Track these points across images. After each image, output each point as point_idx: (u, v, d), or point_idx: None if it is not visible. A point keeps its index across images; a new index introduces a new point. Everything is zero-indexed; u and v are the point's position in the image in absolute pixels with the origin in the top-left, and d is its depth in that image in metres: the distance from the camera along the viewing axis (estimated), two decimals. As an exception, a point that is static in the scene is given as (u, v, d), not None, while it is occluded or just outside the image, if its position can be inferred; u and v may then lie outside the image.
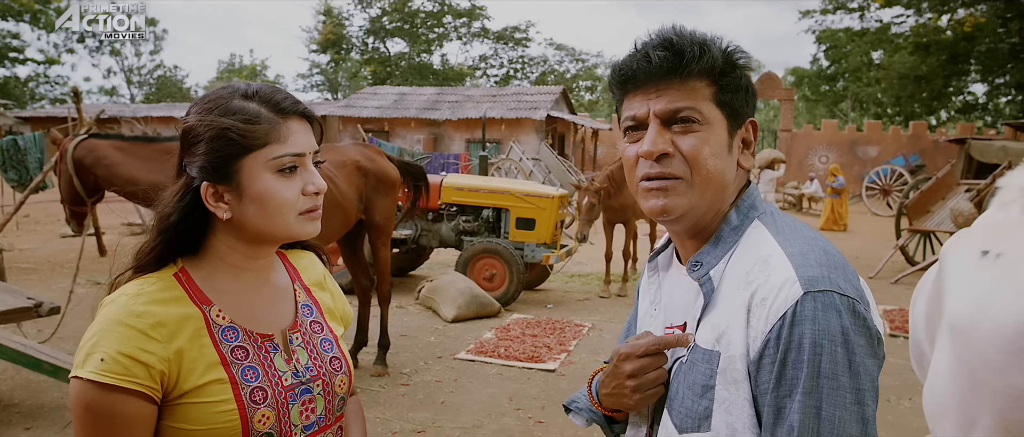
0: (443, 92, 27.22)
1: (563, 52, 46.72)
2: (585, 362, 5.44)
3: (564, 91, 26.97)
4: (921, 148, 25.67)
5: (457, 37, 44.32)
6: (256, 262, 1.19)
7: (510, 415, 4.33)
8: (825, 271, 0.94)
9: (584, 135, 28.10)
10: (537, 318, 6.73)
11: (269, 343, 1.16)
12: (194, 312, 1.10)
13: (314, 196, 1.15)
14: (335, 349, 1.26)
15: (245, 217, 1.12)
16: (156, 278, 1.12)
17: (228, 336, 1.12)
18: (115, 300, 1.08)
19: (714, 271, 1.04)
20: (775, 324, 0.92)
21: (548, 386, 4.88)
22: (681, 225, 1.07)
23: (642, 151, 1.03)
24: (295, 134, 1.13)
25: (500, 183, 8.22)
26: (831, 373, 0.88)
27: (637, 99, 1.05)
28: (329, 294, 1.35)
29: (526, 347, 5.69)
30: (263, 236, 1.15)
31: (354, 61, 45.33)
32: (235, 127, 1.09)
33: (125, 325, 1.04)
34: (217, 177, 1.10)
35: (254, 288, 1.19)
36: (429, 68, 43.77)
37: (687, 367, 1.04)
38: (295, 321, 1.22)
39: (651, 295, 1.22)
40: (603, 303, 7.64)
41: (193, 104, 1.17)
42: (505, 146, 20.19)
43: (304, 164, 1.14)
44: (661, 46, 1.02)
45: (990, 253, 1.64)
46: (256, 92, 1.14)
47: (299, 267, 1.33)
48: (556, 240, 7.65)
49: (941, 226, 9.92)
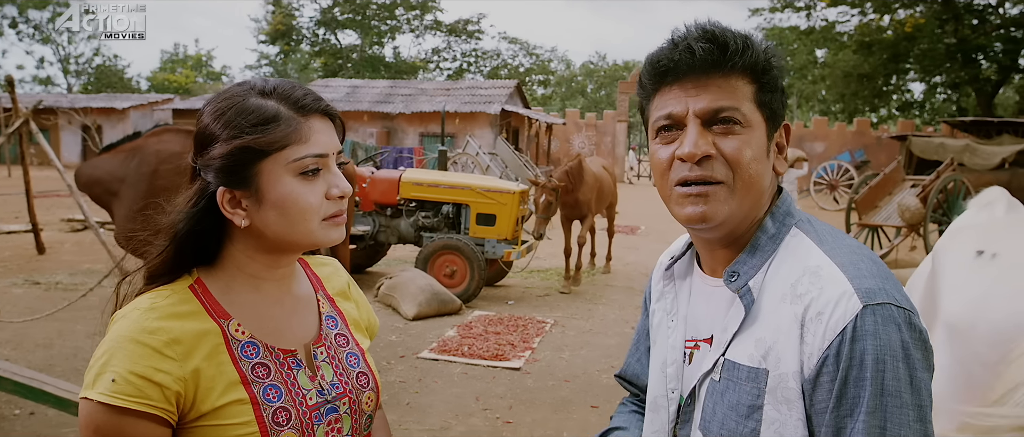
0: (396, 85, 26.92)
1: (517, 46, 46.74)
2: (550, 360, 5.40)
3: (518, 85, 26.97)
4: (865, 144, 26.47)
5: (409, 29, 43.88)
6: (277, 272, 1.10)
7: (477, 415, 4.25)
8: (880, 282, 0.89)
9: (538, 129, 28.13)
10: (499, 315, 6.66)
11: (292, 359, 1.08)
12: (211, 327, 1.02)
13: (339, 200, 1.06)
14: (362, 363, 1.17)
15: (265, 224, 1.03)
16: (170, 290, 1.03)
17: (248, 352, 1.03)
18: (126, 315, 0.99)
19: (753, 282, 0.98)
20: (833, 340, 0.87)
21: (514, 385, 4.82)
22: (717, 233, 1.00)
23: (683, 153, 0.95)
24: (317, 133, 1.04)
25: (460, 178, 8.11)
26: (895, 390, 0.84)
27: (673, 96, 0.97)
28: (354, 304, 1.26)
29: (490, 345, 5.62)
30: (284, 244, 1.06)
31: (304, 53, 44.45)
32: (253, 128, 1.00)
33: (137, 342, 0.96)
34: (234, 182, 1.01)
35: (275, 299, 1.10)
36: (381, 61, 43.23)
37: (723, 386, 0.97)
38: (319, 334, 1.14)
39: (666, 305, 1.15)
40: (564, 299, 7.62)
41: (206, 102, 1.06)
42: (460, 140, 20.07)
43: (327, 166, 1.05)
44: (704, 38, 0.95)
45: (985, 253, 1.64)
46: (274, 89, 1.04)
47: (322, 275, 1.24)
48: (517, 236, 7.59)
49: (888, 220, 10.24)
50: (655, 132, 1.01)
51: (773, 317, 0.95)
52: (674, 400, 1.09)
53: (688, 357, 1.08)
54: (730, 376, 0.97)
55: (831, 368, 0.87)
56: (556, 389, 4.77)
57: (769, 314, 0.95)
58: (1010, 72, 26.78)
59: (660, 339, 1.14)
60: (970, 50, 25.58)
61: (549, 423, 4.19)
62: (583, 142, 29.62)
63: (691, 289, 1.12)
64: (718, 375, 0.99)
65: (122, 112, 27.85)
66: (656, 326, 1.17)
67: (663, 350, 1.12)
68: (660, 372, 1.12)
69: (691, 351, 1.08)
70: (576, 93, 52.31)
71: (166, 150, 4.30)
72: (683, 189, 0.97)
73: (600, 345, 5.85)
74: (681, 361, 1.09)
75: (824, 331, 0.88)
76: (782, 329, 0.93)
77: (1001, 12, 25.43)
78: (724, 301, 1.02)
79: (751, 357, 0.95)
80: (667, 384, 1.10)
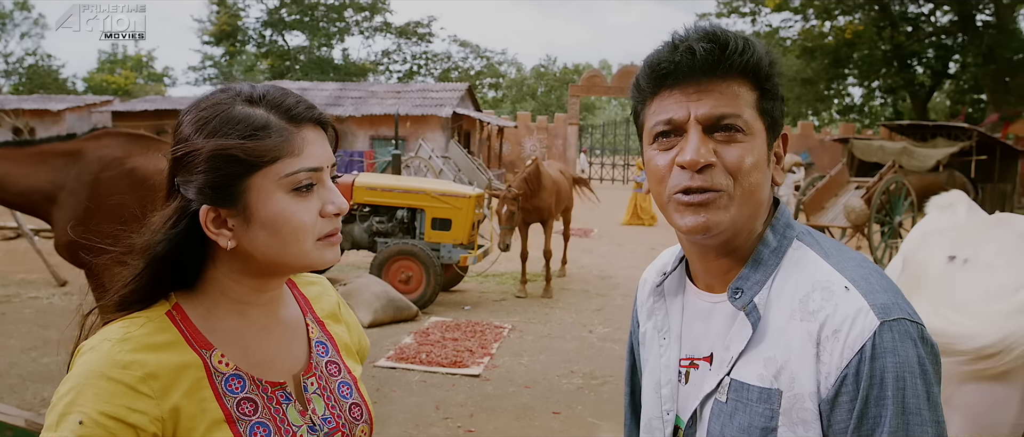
0: (346, 88, 26.51)
1: (467, 49, 46.58)
2: (509, 365, 5.35)
3: (470, 88, 26.85)
4: (809, 146, 27.19)
5: (359, 31, 43.30)
6: (264, 295, 1.00)
7: (438, 425, 4.17)
8: (893, 297, 0.87)
9: (490, 132, 28.09)
10: (456, 320, 6.58)
11: (281, 392, 0.98)
12: (192, 359, 0.92)
13: (334, 217, 0.96)
14: (354, 394, 1.08)
15: (254, 245, 0.93)
16: (145, 318, 0.92)
17: (233, 386, 0.94)
18: (95, 347, 0.89)
19: (758, 298, 0.94)
20: (852, 359, 0.85)
21: (474, 392, 4.75)
22: (716, 242, 0.96)
23: (685, 160, 0.91)
24: (311, 145, 0.94)
25: (415, 182, 8.02)
26: (915, 408, 0.83)
27: (673, 100, 0.93)
28: (344, 327, 1.16)
29: (448, 352, 5.54)
30: (275, 267, 0.96)
31: (250, 54, 43.46)
32: (240, 140, 0.90)
33: (108, 379, 0.85)
34: (219, 199, 0.91)
35: (261, 326, 1.00)
36: (330, 63, 42.54)
37: (731, 407, 0.93)
38: (309, 363, 1.04)
39: (656, 323, 1.10)
40: (521, 303, 7.58)
41: (185, 110, 0.96)
42: (411, 144, 19.88)
43: (322, 180, 0.95)
44: (704, 38, 0.91)
45: (957, 258, 1.65)
46: (263, 96, 0.94)
47: (309, 296, 1.13)
48: (473, 240, 7.52)
49: (835, 222, 10.53)
50: (652, 138, 0.96)
51: (783, 335, 0.91)
52: (670, 422, 1.04)
53: (684, 377, 1.04)
54: (739, 397, 0.93)
55: (850, 387, 0.85)
56: (517, 396, 4.72)
57: (778, 331, 0.92)
58: (941, 77, 27.93)
59: (651, 358, 1.10)
60: (905, 56, 26.58)
61: (512, 431, 4.14)
62: (535, 145, 29.70)
63: (684, 305, 1.07)
64: (724, 396, 0.95)
65: (57, 114, 26.74)
66: (647, 345, 1.12)
67: (656, 370, 1.08)
68: (654, 393, 1.07)
69: (687, 370, 1.03)
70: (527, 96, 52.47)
71: (108, 156, 4.10)
72: (684, 197, 0.93)
73: (559, 350, 5.82)
74: (676, 381, 1.04)
75: (842, 349, 0.86)
76: (794, 347, 0.90)
77: (933, 20, 26.49)
78: (724, 318, 0.98)
79: (761, 377, 0.92)
80: (661, 405, 1.05)
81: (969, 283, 1.56)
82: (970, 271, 1.59)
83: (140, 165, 4.11)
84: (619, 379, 5.10)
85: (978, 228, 1.78)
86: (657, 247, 11.97)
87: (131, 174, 4.06)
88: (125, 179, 4.04)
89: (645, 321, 1.14)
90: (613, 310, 7.33)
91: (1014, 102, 22.75)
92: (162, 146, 4.33)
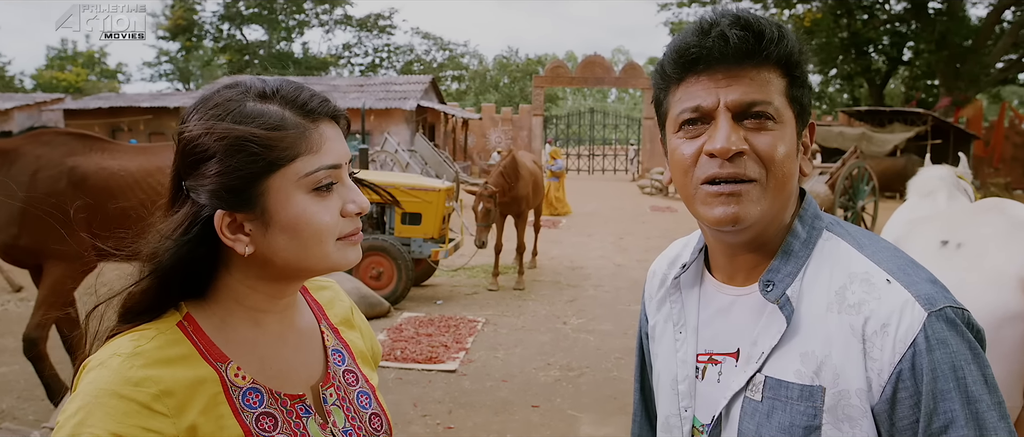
0: (307, 82, 26.11)
1: (430, 41, 46.21)
2: (485, 360, 5.32)
3: (433, 81, 26.65)
4: (769, 134, 27.56)
5: (319, 24, 42.66)
6: (280, 302, 0.95)
7: (417, 422, 4.13)
8: (934, 286, 0.86)
9: (455, 125, 27.93)
10: (429, 316, 6.53)
11: (300, 405, 0.93)
12: (208, 373, 0.86)
13: (356, 217, 0.92)
14: (374, 403, 1.04)
15: (273, 250, 0.88)
16: (155, 330, 0.86)
17: (251, 401, 0.89)
18: (104, 363, 0.82)
19: (790, 291, 0.92)
20: (905, 352, 0.83)
21: (451, 388, 4.71)
22: (746, 235, 0.93)
23: (715, 148, 0.87)
24: (329, 141, 0.90)
25: (384, 177, 7.91)
26: (979, 395, 0.82)
27: (700, 86, 0.90)
28: (358, 333, 1.11)
29: (422, 348, 5.49)
30: (295, 272, 0.91)
31: (207, 49, 42.51)
32: (257, 137, 0.84)
33: (120, 397, 0.79)
34: (235, 204, 0.85)
35: (277, 335, 0.95)
36: (290, 57, 41.84)
37: (768, 406, 0.90)
38: (327, 373, 1.00)
39: (672, 316, 1.07)
40: (493, 296, 7.54)
41: (191, 108, 0.89)
42: (376, 137, 19.68)
43: (341, 178, 0.91)
44: (737, 25, 0.88)
45: (950, 243, 1.66)
46: (276, 90, 0.89)
47: (322, 301, 1.08)
48: (444, 234, 7.47)
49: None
50: (677, 125, 0.93)
51: (820, 328, 0.89)
52: (688, 420, 1.02)
53: (700, 372, 1.01)
54: (776, 395, 0.90)
55: (909, 383, 0.83)
56: (495, 390, 4.69)
57: (814, 325, 0.90)
58: (896, 64, 28.54)
59: (664, 353, 1.07)
60: (861, 43, 27.10)
61: (491, 426, 4.11)
62: (500, 137, 29.62)
63: (700, 298, 1.04)
64: (759, 395, 0.92)
65: (5, 113, 25.83)
66: (658, 339, 1.09)
67: (672, 366, 1.05)
68: (670, 390, 1.04)
69: (705, 366, 1.01)
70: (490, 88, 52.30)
71: (45, 155, 3.98)
72: (712, 188, 0.89)
73: (534, 342, 5.81)
74: (693, 377, 1.02)
75: (893, 344, 0.84)
76: (834, 342, 0.88)
77: (887, 8, 27.03)
78: (750, 311, 0.96)
79: (800, 374, 0.89)
80: (679, 402, 1.03)
81: (964, 267, 1.57)
82: (964, 255, 1.61)
83: (80, 164, 3.99)
84: (596, 371, 5.11)
85: (970, 213, 1.80)
86: (626, 237, 12.05)
87: (70, 173, 3.95)
88: (63, 179, 3.92)
89: (655, 314, 1.11)
90: (586, 301, 7.35)
91: (964, 87, 23.36)
92: (106, 145, 4.21)
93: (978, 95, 25.05)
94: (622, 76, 28.40)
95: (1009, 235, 1.67)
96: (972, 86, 23.62)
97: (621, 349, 5.63)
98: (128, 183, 4.06)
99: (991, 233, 1.69)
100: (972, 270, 1.57)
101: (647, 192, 21.23)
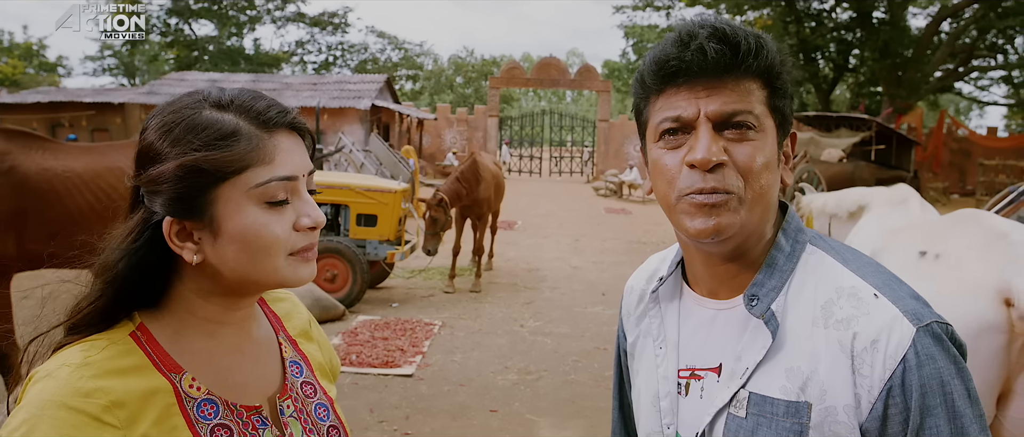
0: (259, 79, 25.63)
1: (385, 40, 45.73)
2: (442, 364, 5.26)
3: (388, 80, 26.40)
4: (720, 138, 28.09)
5: (271, 20, 41.81)
6: (236, 314, 0.92)
7: (373, 429, 4.05)
8: (918, 302, 0.86)
9: (409, 125, 27.73)
10: (385, 319, 6.44)
11: (256, 416, 0.92)
12: (161, 384, 0.84)
13: (309, 231, 0.89)
14: (332, 416, 1.02)
15: (222, 261, 0.86)
16: (107, 340, 0.84)
17: (206, 412, 0.87)
18: (52, 374, 0.80)
19: (775, 305, 0.91)
20: (895, 369, 0.83)
21: (408, 393, 4.64)
22: (726, 247, 0.92)
23: (696, 159, 0.86)
24: (284, 152, 0.88)
25: (338, 177, 7.78)
26: (963, 410, 0.83)
27: (681, 97, 0.89)
28: (317, 345, 1.09)
29: (378, 352, 5.40)
30: (243, 284, 0.88)
31: (154, 44, 41.27)
32: (206, 146, 0.82)
33: (69, 408, 0.77)
34: (184, 211, 0.84)
35: (233, 346, 0.93)
36: (241, 53, 40.88)
37: (752, 423, 0.89)
38: (284, 384, 0.98)
39: (651, 331, 1.05)
40: (449, 299, 7.48)
41: (150, 115, 0.88)
42: (330, 137, 19.39)
43: (296, 191, 0.88)
44: (715, 38, 0.87)
45: (928, 254, 1.69)
46: (232, 100, 0.87)
47: (280, 313, 1.06)
48: (400, 236, 7.37)
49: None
50: (657, 135, 0.92)
51: (805, 343, 0.88)
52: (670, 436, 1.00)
53: (683, 388, 0.99)
54: (761, 411, 0.89)
55: (898, 399, 0.83)
56: (452, 394, 4.64)
57: (799, 340, 0.89)
58: (843, 71, 29.38)
59: (645, 369, 1.05)
60: (809, 50, 27.80)
61: (449, 431, 4.06)
62: (455, 137, 29.51)
63: (680, 312, 1.02)
64: (743, 411, 0.90)
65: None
66: (638, 355, 1.08)
67: (652, 382, 1.03)
68: (652, 406, 1.02)
69: (687, 381, 0.99)
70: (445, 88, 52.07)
71: None
72: (694, 198, 0.88)
73: (491, 346, 5.77)
74: (675, 393, 1.00)
75: (883, 360, 0.84)
76: (821, 357, 0.87)
77: (834, 16, 27.81)
78: (733, 326, 0.94)
79: (785, 390, 0.88)
80: (661, 419, 1.01)
81: (942, 278, 1.60)
82: (942, 266, 1.63)
83: (20, 164, 3.78)
84: (554, 374, 5.10)
85: (947, 224, 1.83)
86: (581, 239, 12.11)
87: (9, 174, 3.73)
88: (2, 179, 3.71)
89: (634, 330, 1.10)
90: (542, 303, 7.34)
91: (906, 95, 24.17)
92: (47, 145, 4.00)
93: (918, 102, 25.97)
94: (577, 78, 28.56)
95: (986, 246, 1.71)
96: (913, 94, 24.47)
97: (578, 352, 5.63)
98: (75, 184, 3.87)
99: (968, 244, 1.73)
100: (950, 281, 1.59)
101: (602, 194, 21.41)
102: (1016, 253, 1.68)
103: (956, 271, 1.63)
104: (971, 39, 24.81)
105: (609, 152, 27.54)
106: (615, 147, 27.98)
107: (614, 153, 27.63)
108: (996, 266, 1.63)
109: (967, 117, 57.67)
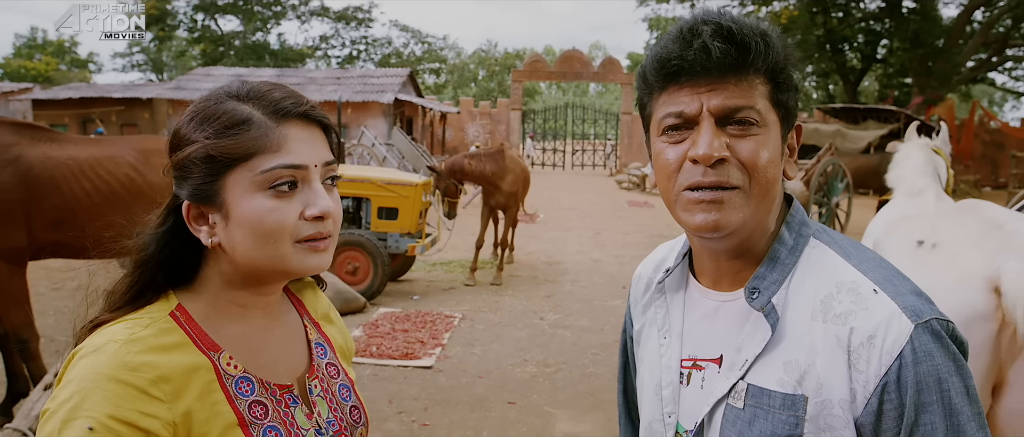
0: (284, 74, 25.88)
1: (408, 34, 45.89)
2: (461, 356, 5.29)
3: (411, 74, 26.51)
4: (745, 130, 27.81)
5: (295, 16, 42.16)
6: (262, 298, 0.98)
7: (392, 419, 4.09)
8: (919, 298, 0.86)
9: (432, 118, 27.83)
10: (405, 311, 6.49)
11: (288, 395, 0.97)
12: (202, 361, 0.89)
13: (317, 221, 0.91)
14: (353, 396, 1.08)
15: (233, 244, 0.91)
16: (149, 318, 0.89)
17: (243, 389, 0.92)
18: (100, 348, 0.84)
19: (776, 298, 0.91)
20: (891, 365, 0.82)
21: (427, 384, 4.68)
22: (728, 243, 0.92)
23: (698, 154, 0.86)
24: (293, 142, 0.91)
25: (360, 171, 7.86)
26: (960, 407, 0.82)
27: (684, 93, 0.88)
28: (337, 329, 1.15)
29: (398, 343, 5.45)
30: (255, 270, 0.92)
31: (181, 39, 41.85)
32: (217, 136, 0.88)
33: (118, 381, 0.81)
34: (199, 196, 0.90)
35: (264, 328, 0.99)
36: (266, 48, 41.30)
37: (749, 414, 0.89)
38: (311, 365, 1.03)
39: (657, 320, 1.06)
40: (470, 292, 7.52)
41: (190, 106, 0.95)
42: (353, 131, 19.53)
43: (306, 179, 0.91)
44: (720, 36, 0.86)
45: (925, 243, 1.67)
46: (250, 91, 0.91)
47: (303, 298, 1.11)
48: (421, 229, 7.42)
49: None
50: (660, 130, 0.92)
51: (804, 337, 0.88)
52: (671, 426, 1.00)
53: (685, 378, 1.00)
54: (758, 403, 0.89)
55: (894, 395, 0.83)
56: (471, 386, 4.67)
57: (799, 334, 0.89)
58: (871, 62, 28.90)
59: (649, 358, 1.06)
60: (837, 41, 27.41)
61: (467, 423, 4.09)
62: (478, 131, 29.56)
63: (685, 303, 1.03)
64: (741, 402, 0.91)
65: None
66: (643, 343, 1.08)
67: (656, 371, 1.04)
68: (654, 395, 1.03)
69: (689, 371, 0.99)
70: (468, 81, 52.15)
71: None
72: (693, 194, 0.88)
73: (511, 338, 5.79)
74: (677, 382, 1.00)
75: (880, 356, 0.83)
76: (819, 351, 0.87)
77: (862, 6, 27.35)
78: (734, 318, 0.94)
79: (782, 382, 0.88)
80: (663, 408, 1.01)
81: (937, 267, 1.59)
82: (938, 256, 1.62)
83: (25, 154, 3.87)
84: (572, 367, 5.11)
85: (947, 214, 1.82)
86: (603, 232, 12.08)
87: (15, 163, 3.83)
88: (8, 168, 3.81)
89: (640, 318, 1.10)
90: (563, 296, 7.35)
91: (936, 85, 23.71)
92: (54, 137, 4.10)
93: (949, 94, 25.45)
94: (600, 71, 28.44)
95: (982, 236, 1.69)
96: (944, 85, 23.99)
97: (598, 345, 5.63)
98: (73, 171, 3.96)
99: (966, 234, 1.71)
100: (944, 270, 1.58)
101: (624, 187, 21.31)
102: (1008, 242, 1.66)
103: (950, 260, 1.61)
104: (1005, 28, 24.21)
105: (632, 145, 27.42)
106: (638, 140, 27.82)
107: (638, 146, 27.49)
108: (988, 254, 1.61)
109: (1001, 108, 56.43)
